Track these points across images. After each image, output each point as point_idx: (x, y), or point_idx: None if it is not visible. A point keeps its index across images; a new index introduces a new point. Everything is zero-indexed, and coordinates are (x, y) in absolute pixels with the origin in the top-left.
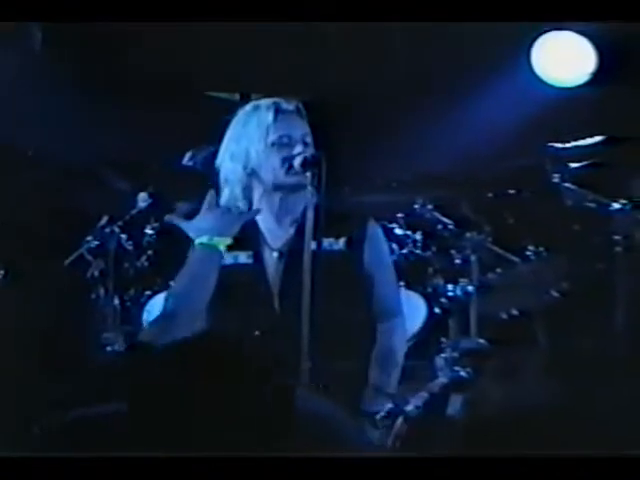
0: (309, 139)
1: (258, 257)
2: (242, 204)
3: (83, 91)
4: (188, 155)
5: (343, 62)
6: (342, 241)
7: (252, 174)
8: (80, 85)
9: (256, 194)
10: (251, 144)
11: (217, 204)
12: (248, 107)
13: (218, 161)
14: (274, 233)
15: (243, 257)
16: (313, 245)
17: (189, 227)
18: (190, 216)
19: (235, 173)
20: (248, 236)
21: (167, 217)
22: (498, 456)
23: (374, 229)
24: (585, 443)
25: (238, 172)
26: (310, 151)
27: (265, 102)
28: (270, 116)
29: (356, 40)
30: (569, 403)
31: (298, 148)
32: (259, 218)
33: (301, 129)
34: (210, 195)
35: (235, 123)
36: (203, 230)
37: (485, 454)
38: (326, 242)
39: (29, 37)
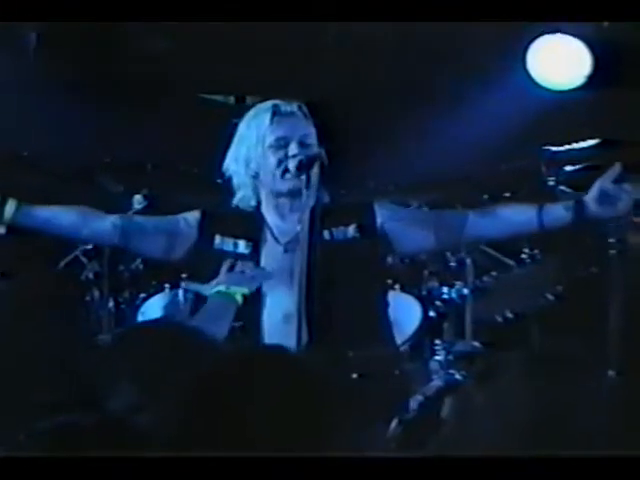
0: (310, 140)
1: (256, 249)
2: (254, 202)
3: (78, 93)
4: None
5: (339, 65)
6: (352, 228)
7: (255, 176)
8: (75, 87)
9: (262, 194)
10: (250, 147)
11: (232, 269)
12: (252, 110)
13: (225, 164)
14: (281, 229)
15: (242, 246)
16: (325, 235)
17: (206, 288)
18: (206, 282)
19: (240, 176)
20: (253, 227)
21: (184, 284)
22: (496, 457)
23: (380, 205)
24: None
25: (242, 175)
26: (307, 152)
27: (265, 105)
28: (267, 118)
29: (352, 43)
30: (561, 405)
31: (293, 149)
32: (266, 213)
33: (301, 130)
34: (225, 264)
35: (240, 126)
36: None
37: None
38: (337, 232)
39: (23, 37)
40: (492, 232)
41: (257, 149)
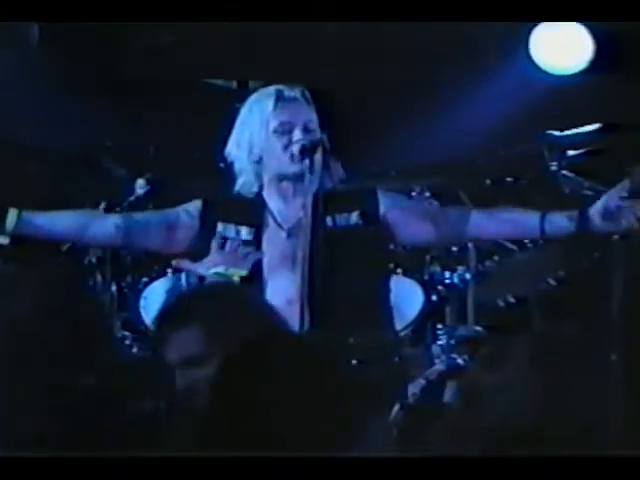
0: (313, 125)
1: (259, 235)
2: (256, 188)
3: (81, 77)
4: None
5: (343, 51)
6: (355, 215)
7: (258, 161)
8: (77, 72)
9: (265, 179)
10: (254, 132)
11: (222, 247)
12: (254, 95)
13: (227, 149)
14: (284, 214)
15: (244, 233)
16: (327, 221)
17: (198, 267)
18: (197, 259)
19: (242, 161)
20: (254, 213)
21: (175, 262)
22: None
23: (384, 193)
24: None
25: (244, 160)
26: (310, 137)
27: (268, 90)
28: (271, 103)
29: (358, 29)
30: (562, 393)
31: (297, 134)
32: (268, 199)
33: (304, 115)
34: (215, 242)
35: (242, 111)
36: (214, 265)
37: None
38: (340, 218)
39: (25, 26)
40: (493, 233)
41: (260, 134)
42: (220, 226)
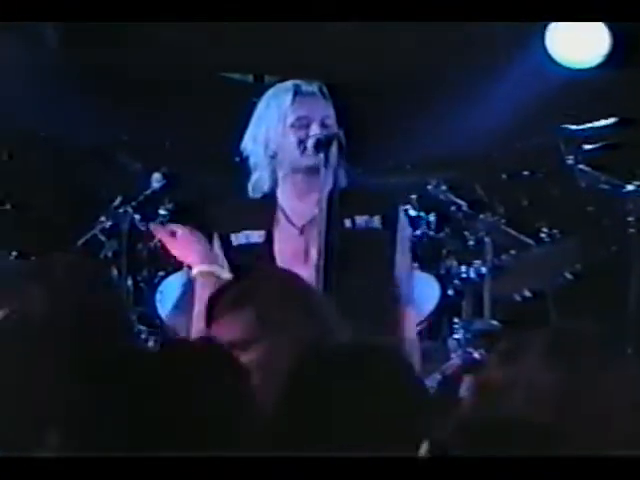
0: (330, 121)
1: (270, 237)
2: (268, 186)
3: (98, 73)
4: None
5: (357, 46)
6: (377, 219)
7: (274, 156)
8: (95, 67)
9: (280, 175)
10: (271, 126)
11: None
12: (272, 90)
13: (243, 144)
14: (297, 211)
15: (255, 237)
16: (346, 222)
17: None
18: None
19: (258, 156)
20: (265, 216)
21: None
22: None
23: (402, 215)
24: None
25: (260, 155)
26: (326, 132)
27: (285, 84)
28: (289, 98)
29: (374, 25)
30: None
31: (314, 129)
32: (282, 196)
33: (322, 111)
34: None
35: (259, 106)
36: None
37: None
38: (361, 219)
39: (44, 27)
40: None
41: (277, 128)
42: (232, 237)
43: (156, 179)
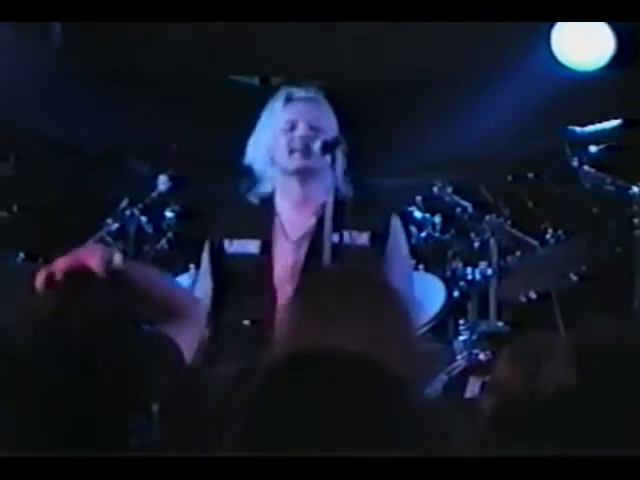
0: (319, 123)
1: (267, 248)
2: (267, 194)
3: (103, 76)
4: None
5: (362, 48)
6: (366, 236)
7: (271, 162)
8: (100, 70)
9: (277, 182)
10: (267, 133)
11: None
12: (273, 98)
13: (246, 150)
14: (294, 224)
15: (251, 246)
16: (334, 237)
17: None
18: None
19: (259, 163)
20: (262, 225)
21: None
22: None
23: (395, 221)
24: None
25: (261, 161)
26: (313, 134)
27: (281, 92)
28: (280, 104)
29: (378, 27)
30: (586, 388)
31: (300, 130)
32: (280, 208)
33: (311, 113)
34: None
35: (261, 114)
36: None
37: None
38: (349, 236)
39: (51, 25)
40: None
41: (271, 134)
42: (227, 243)
43: (162, 181)
